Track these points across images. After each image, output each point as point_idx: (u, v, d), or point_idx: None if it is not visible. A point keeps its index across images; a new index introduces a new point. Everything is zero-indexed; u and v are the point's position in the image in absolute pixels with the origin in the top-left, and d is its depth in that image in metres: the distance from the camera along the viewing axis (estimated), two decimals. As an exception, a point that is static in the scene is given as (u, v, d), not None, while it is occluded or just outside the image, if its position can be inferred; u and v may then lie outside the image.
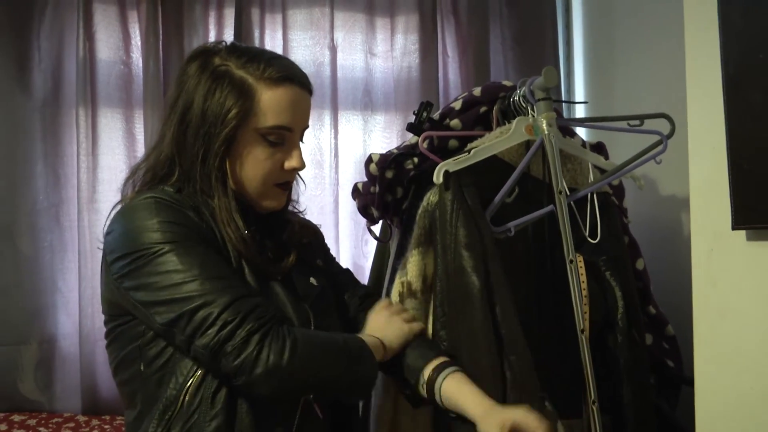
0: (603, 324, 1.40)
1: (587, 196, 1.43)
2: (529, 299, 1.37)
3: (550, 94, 1.34)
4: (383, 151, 1.46)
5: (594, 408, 1.24)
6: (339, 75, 2.25)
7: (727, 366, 0.96)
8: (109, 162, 2.09)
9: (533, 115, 1.34)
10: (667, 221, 1.80)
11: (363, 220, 1.60)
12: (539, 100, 1.33)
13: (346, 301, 1.31)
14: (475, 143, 1.34)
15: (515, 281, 1.32)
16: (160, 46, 2.11)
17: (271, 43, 2.22)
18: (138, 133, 2.11)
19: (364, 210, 1.51)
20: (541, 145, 1.33)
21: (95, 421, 1.95)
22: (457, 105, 1.44)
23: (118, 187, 1.20)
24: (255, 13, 2.20)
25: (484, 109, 1.43)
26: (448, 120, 1.42)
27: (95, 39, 2.09)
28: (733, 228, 0.92)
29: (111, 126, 2.10)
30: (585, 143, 1.55)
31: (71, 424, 1.94)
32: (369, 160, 1.44)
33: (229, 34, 2.17)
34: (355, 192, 1.53)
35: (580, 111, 2.35)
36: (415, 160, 1.40)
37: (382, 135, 2.28)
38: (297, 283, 1.18)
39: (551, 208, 1.32)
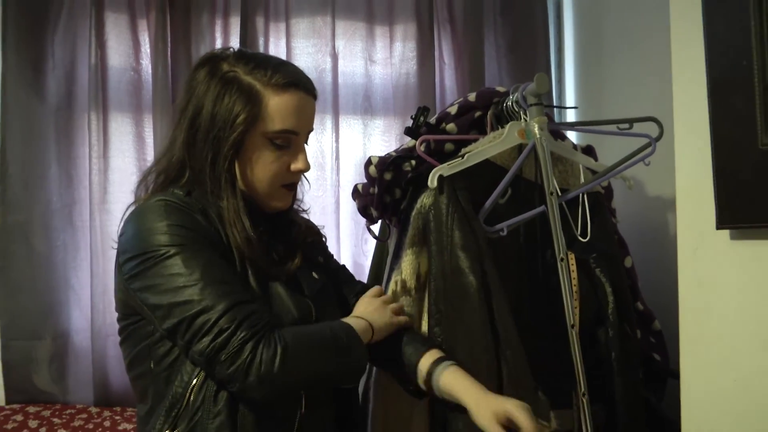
0: (595, 319, 1.40)
1: (578, 197, 1.43)
2: (522, 297, 1.36)
3: (542, 99, 1.34)
4: (382, 153, 1.46)
5: (584, 399, 1.24)
6: (340, 81, 2.25)
7: (711, 359, 0.97)
8: (119, 164, 2.08)
9: (526, 120, 1.34)
10: (655, 221, 1.80)
11: (363, 220, 1.60)
12: (531, 105, 1.33)
13: (345, 295, 1.32)
14: (469, 148, 1.34)
15: (509, 279, 1.32)
16: (169, 53, 2.11)
17: (275, 50, 2.22)
18: (147, 136, 2.11)
19: (363, 210, 1.51)
20: (533, 148, 1.33)
21: (107, 413, 1.96)
22: (453, 110, 1.44)
23: (129, 188, 1.20)
24: (259, 21, 2.20)
25: (478, 113, 1.43)
26: (444, 124, 1.42)
27: (107, 46, 2.09)
28: (717, 227, 0.92)
29: (121, 130, 2.10)
30: (576, 146, 1.55)
31: (84, 415, 1.94)
32: (368, 163, 1.44)
33: (234, 42, 2.17)
34: (355, 193, 1.53)
35: (571, 116, 2.35)
36: (413, 162, 1.40)
37: (381, 138, 2.28)
38: (302, 279, 1.18)
39: (543, 208, 1.32)
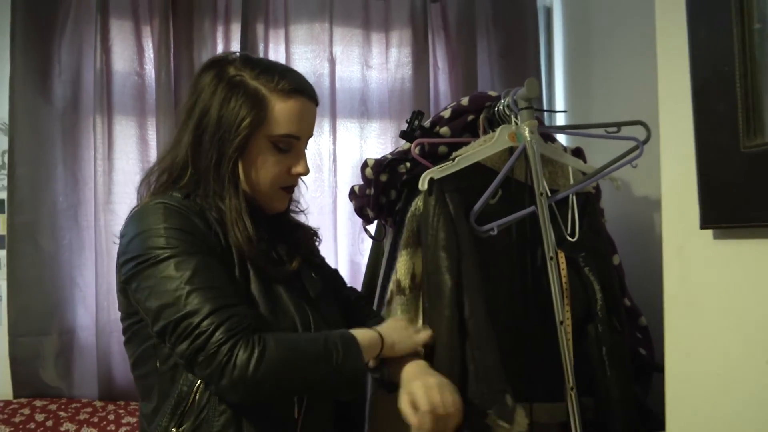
0: (585, 316, 1.40)
1: (568, 197, 1.44)
2: (514, 295, 1.36)
3: (532, 103, 1.34)
4: (378, 156, 1.46)
5: (572, 393, 1.24)
6: (337, 86, 2.25)
7: (694, 354, 0.97)
8: (123, 166, 2.08)
9: (517, 123, 1.34)
10: (641, 220, 1.80)
11: (359, 221, 1.59)
12: (522, 109, 1.33)
13: (347, 295, 1.32)
14: (461, 151, 1.33)
15: (499, 278, 1.32)
16: (172, 59, 2.11)
17: (275, 55, 2.21)
18: (150, 139, 2.11)
19: (360, 211, 1.51)
20: (524, 150, 1.34)
21: (111, 406, 1.96)
22: (447, 114, 1.44)
23: (133, 189, 1.19)
24: (259, 27, 2.20)
25: (471, 117, 1.43)
26: (438, 128, 1.42)
27: (111, 52, 2.09)
28: (701, 227, 0.92)
29: (125, 132, 2.10)
30: (566, 148, 1.55)
31: (89, 409, 1.94)
32: (365, 165, 1.44)
33: (235, 48, 2.17)
34: (352, 194, 1.53)
35: (561, 119, 2.35)
36: (408, 164, 1.40)
37: (377, 141, 2.28)
38: (305, 280, 1.17)
39: (533, 208, 1.32)
